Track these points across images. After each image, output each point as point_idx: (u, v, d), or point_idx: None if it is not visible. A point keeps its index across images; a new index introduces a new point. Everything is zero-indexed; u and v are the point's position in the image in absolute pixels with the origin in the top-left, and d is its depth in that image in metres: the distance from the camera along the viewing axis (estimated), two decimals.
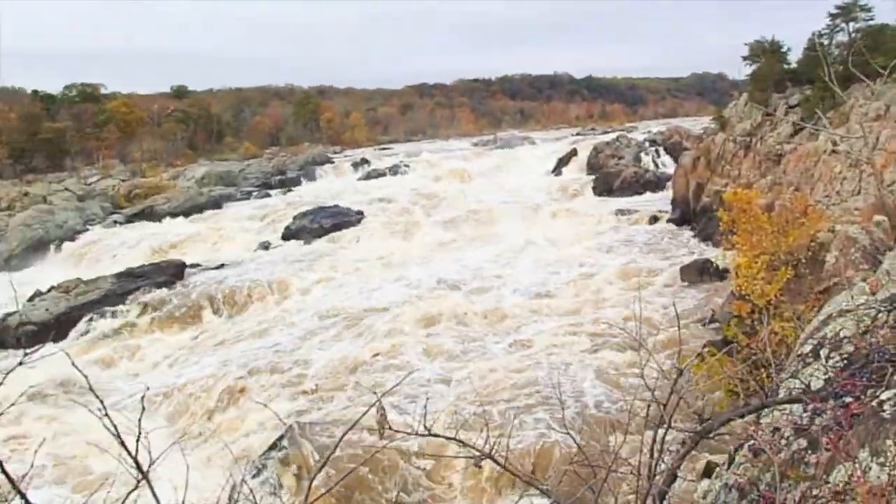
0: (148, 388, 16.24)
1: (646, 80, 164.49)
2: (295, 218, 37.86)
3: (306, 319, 21.62)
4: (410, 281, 25.35)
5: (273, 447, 12.96)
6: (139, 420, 2.38)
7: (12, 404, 2.63)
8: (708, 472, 10.44)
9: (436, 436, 3.11)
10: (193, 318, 23.80)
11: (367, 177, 57.37)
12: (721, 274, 21.11)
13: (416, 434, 2.93)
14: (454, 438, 3.19)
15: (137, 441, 1.97)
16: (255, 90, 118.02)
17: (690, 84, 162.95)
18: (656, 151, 48.96)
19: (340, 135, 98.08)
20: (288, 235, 36.19)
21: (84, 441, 14.00)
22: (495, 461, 3.16)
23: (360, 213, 38.26)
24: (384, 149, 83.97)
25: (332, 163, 67.97)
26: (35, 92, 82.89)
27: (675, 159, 39.46)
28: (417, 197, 41.37)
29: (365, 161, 64.22)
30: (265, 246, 34.55)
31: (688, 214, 32.15)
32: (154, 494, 1.97)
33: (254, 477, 12.56)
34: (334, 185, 55.00)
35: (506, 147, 68.52)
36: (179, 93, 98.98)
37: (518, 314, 20.49)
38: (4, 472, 1.94)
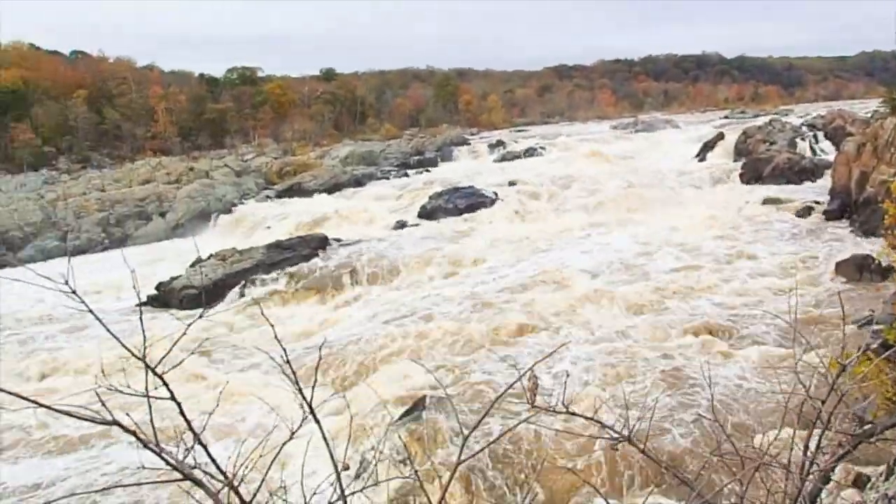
0: (325, 340, 17.37)
1: (805, 60, 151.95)
2: (431, 198, 38.72)
3: (441, 295, 22.14)
4: (545, 262, 25.25)
5: (406, 415, 13.45)
6: (316, 369, 2.59)
7: (192, 352, 2.93)
8: (857, 482, 9.67)
9: (574, 414, 3.10)
10: (334, 289, 25.08)
11: (503, 159, 57.45)
12: (884, 272, 19.33)
13: (555, 412, 2.88)
14: (593, 419, 3.16)
15: (313, 388, 2.16)
16: (397, 73, 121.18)
17: (858, 63, 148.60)
18: (814, 137, 45.22)
19: (478, 117, 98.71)
20: (424, 215, 37.13)
21: (233, 394, 15.24)
22: (634, 445, 3.13)
23: (495, 194, 38.45)
24: (520, 131, 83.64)
25: (469, 144, 68.68)
26: (201, 75, 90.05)
27: (837, 146, 36.28)
28: (552, 180, 40.92)
29: (501, 143, 64.29)
30: (402, 224, 35.66)
31: (847, 206, 29.55)
32: (322, 430, 2.17)
33: (383, 444, 13.14)
34: (470, 166, 55.58)
35: (647, 130, 66.03)
36: (328, 76, 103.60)
37: (658, 301, 19.88)
38: (185, 419, 2.14)
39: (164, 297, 26.26)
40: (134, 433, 1.87)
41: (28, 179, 57.10)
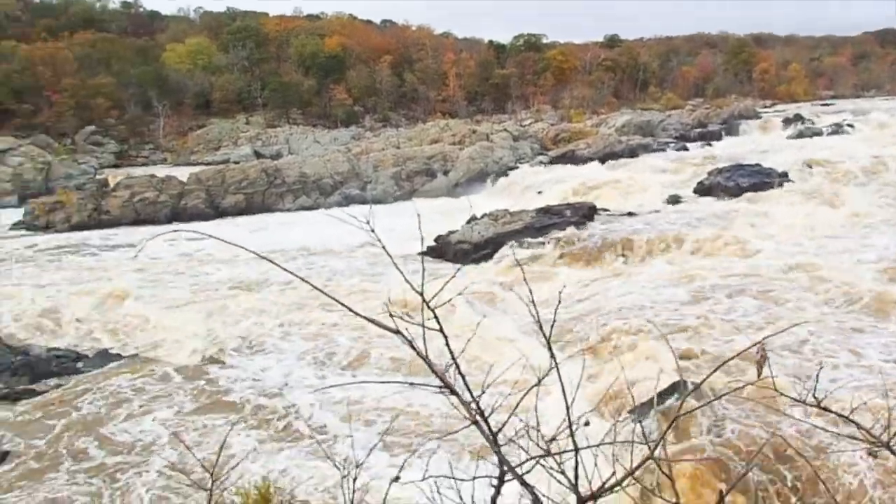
0: (584, 306, 18.13)
1: None
2: (710, 174, 36.58)
3: (710, 278, 21.16)
4: (833, 254, 22.68)
5: (659, 396, 13.38)
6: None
7: (459, 293, 3.47)
8: None
9: (827, 410, 2.98)
10: (597, 259, 25.29)
11: (800, 135, 51.77)
12: None
13: (804, 403, 2.83)
14: (847, 418, 2.97)
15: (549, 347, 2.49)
16: (685, 39, 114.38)
17: None
18: None
19: (774, 88, 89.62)
20: (700, 191, 35.27)
21: (488, 341, 16.43)
22: (893, 452, 2.92)
23: (785, 174, 35.04)
24: (825, 104, 74.28)
25: (760, 118, 62.96)
26: (490, 42, 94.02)
27: None
28: (857, 162, 36.01)
29: (799, 118, 57.88)
30: (675, 199, 34.31)
31: None
32: (562, 384, 2.49)
33: (635, 422, 13.25)
34: (759, 142, 51.06)
35: None
36: (612, 42, 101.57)
37: None
38: (448, 347, 2.45)
39: (441, 249, 28.75)
40: (410, 343, 2.39)
41: (340, 134, 65.62)
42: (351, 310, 2.54)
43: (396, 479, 3.11)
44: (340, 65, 77.89)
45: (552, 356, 2.60)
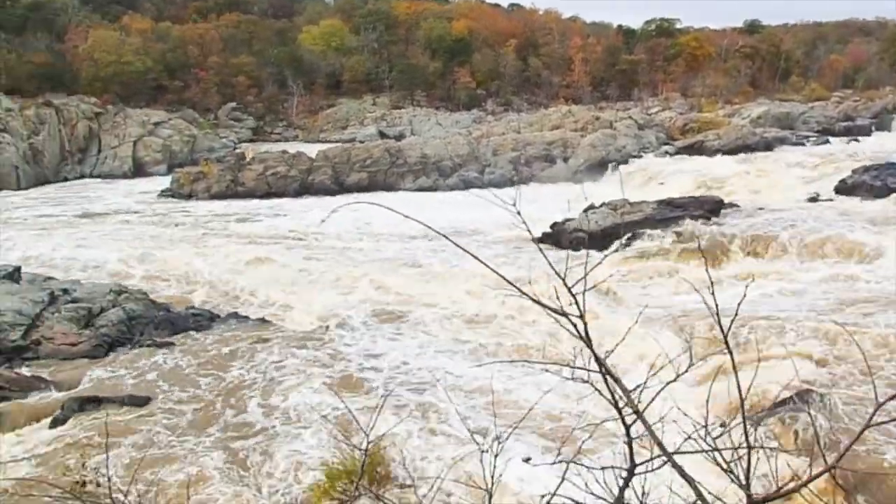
0: (708, 304, 17.58)
1: None
2: (854, 171, 33.88)
3: (857, 284, 19.76)
4: None
5: (781, 404, 12.76)
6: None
7: (593, 287, 3.49)
8: None
9: None
10: (723, 256, 24.22)
11: None
12: None
13: None
14: None
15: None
16: (836, 25, 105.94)
17: None
18: None
19: None
20: (843, 190, 32.77)
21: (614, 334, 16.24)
22: None
23: None
24: None
25: None
26: (619, 27, 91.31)
27: None
28: None
29: None
30: (814, 198, 32.12)
31: None
32: (738, 380, 2.47)
33: (753, 426, 12.73)
34: None
35: None
36: (752, 28, 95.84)
37: None
38: (586, 337, 2.53)
39: (556, 236, 28.53)
40: (575, 327, 2.49)
41: (461, 117, 66.27)
42: (523, 292, 2.63)
43: (527, 459, 3.21)
44: (466, 48, 78.39)
45: (730, 352, 2.59)
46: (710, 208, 29.48)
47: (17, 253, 25.81)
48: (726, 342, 2.45)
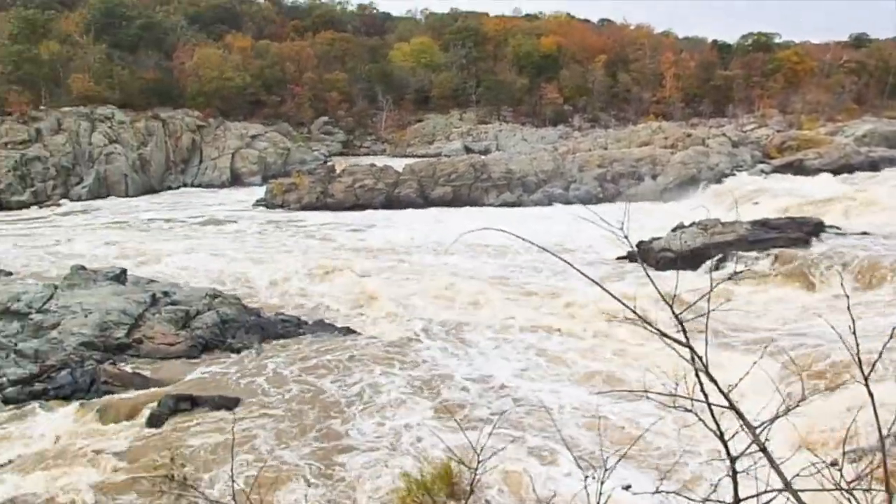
0: (810, 333, 16.76)
1: None
2: None
3: None
4: None
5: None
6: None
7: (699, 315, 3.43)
8: None
9: None
10: (822, 281, 22.99)
11: None
12: None
13: None
14: None
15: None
16: None
17: None
18: None
19: None
20: None
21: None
22: None
23: None
24: None
25: None
26: (714, 42, 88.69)
27: None
28: None
29: None
30: None
31: None
32: (876, 415, 2.32)
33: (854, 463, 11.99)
34: None
35: None
36: (858, 41, 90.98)
37: None
38: (697, 358, 2.47)
39: (642, 256, 27.86)
40: (694, 357, 2.42)
41: (547, 133, 65.98)
42: (642, 319, 2.56)
43: (627, 487, 3.15)
44: (554, 64, 78.12)
45: (867, 385, 2.43)
46: (810, 231, 28.04)
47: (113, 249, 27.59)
48: (864, 375, 2.31)
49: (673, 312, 2.43)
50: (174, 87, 63.48)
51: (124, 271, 21.87)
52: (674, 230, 29.55)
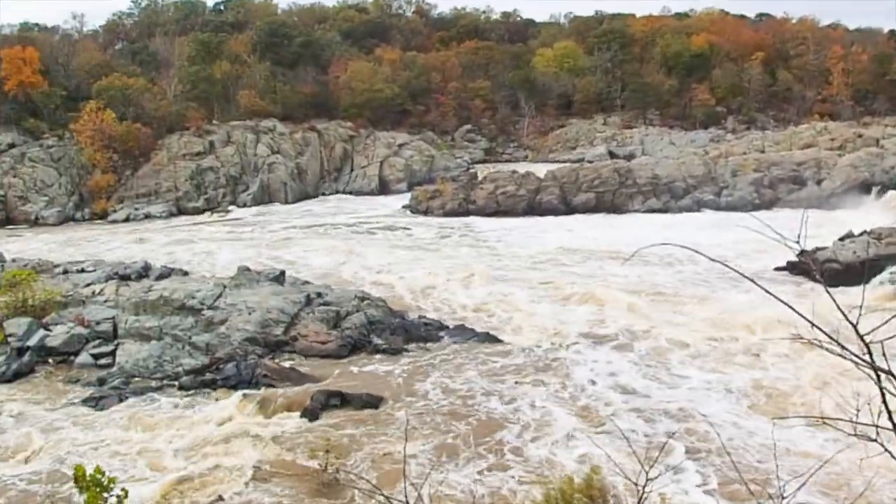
0: None
1: None
2: None
3: None
4: None
5: None
6: None
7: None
8: None
9: None
10: None
11: None
12: None
13: None
14: None
15: None
16: None
17: None
18: None
19: None
20: None
21: None
22: None
23: None
24: None
25: None
26: (891, 31, 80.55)
27: None
28: None
29: None
30: None
31: None
32: None
33: None
34: None
35: None
36: None
37: None
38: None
39: (804, 266, 25.90)
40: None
41: (697, 136, 63.01)
42: (835, 342, 2.43)
43: None
44: (705, 63, 74.40)
45: None
46: None
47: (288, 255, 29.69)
48: None
49: (857, 333, 2.30)
50: (329, 100, 67.31)
51: (283, 273, 23.56)
52: (841, 239, 27.28)
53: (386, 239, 36.19)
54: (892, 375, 2.17)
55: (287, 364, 17.67)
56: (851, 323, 2.30)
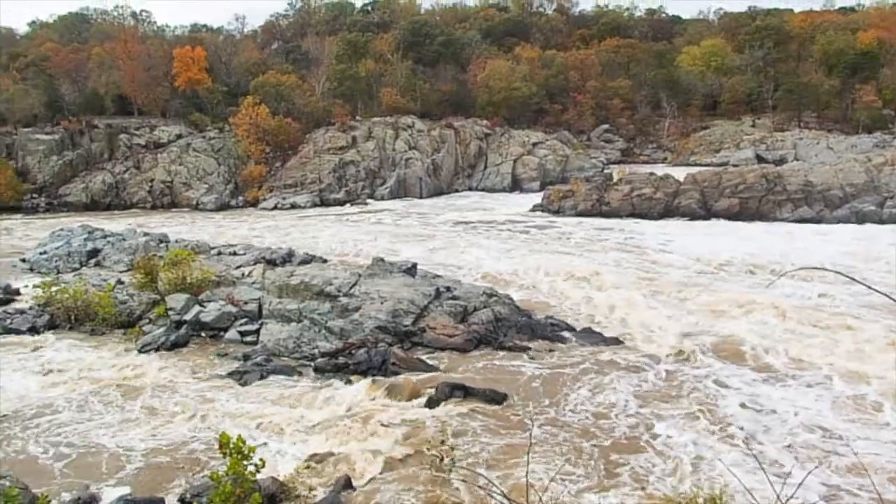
0: None
1: None
2: None
3: None
4: None
5: None
6: None
7: None
8: None
9: None
10: None
11: None
12: None
13: None
14: None
15: None
16: None
17: None
18: None
19: None
20: None
21: None
22: None
23: None
24: None
25: None
26: None
27: None
28: None
29: None
30: None
31: None
32: None
33: None
34: None
35: None
36: None
37: None
38: None
39: None
40: None
41: (860, 141, 57.83)
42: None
43: None
44: (873, 62, 68.06)
45: None
46: None
47: (415, 251, 30.56)
48: None
49: None
50: (466, 98, 68.25)
51: (415, 265, 24.25)
52: None
53: (520, 235, 36.21)
54: None
55: (415, 355, 18.20)
56: None
